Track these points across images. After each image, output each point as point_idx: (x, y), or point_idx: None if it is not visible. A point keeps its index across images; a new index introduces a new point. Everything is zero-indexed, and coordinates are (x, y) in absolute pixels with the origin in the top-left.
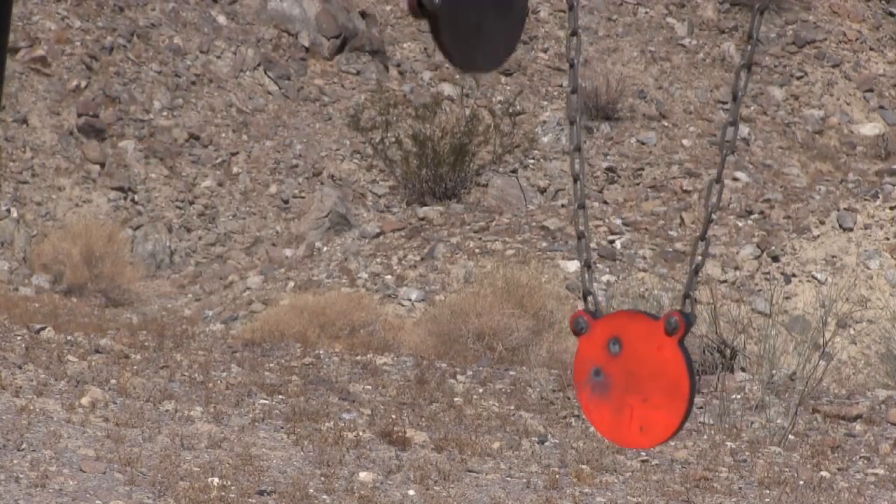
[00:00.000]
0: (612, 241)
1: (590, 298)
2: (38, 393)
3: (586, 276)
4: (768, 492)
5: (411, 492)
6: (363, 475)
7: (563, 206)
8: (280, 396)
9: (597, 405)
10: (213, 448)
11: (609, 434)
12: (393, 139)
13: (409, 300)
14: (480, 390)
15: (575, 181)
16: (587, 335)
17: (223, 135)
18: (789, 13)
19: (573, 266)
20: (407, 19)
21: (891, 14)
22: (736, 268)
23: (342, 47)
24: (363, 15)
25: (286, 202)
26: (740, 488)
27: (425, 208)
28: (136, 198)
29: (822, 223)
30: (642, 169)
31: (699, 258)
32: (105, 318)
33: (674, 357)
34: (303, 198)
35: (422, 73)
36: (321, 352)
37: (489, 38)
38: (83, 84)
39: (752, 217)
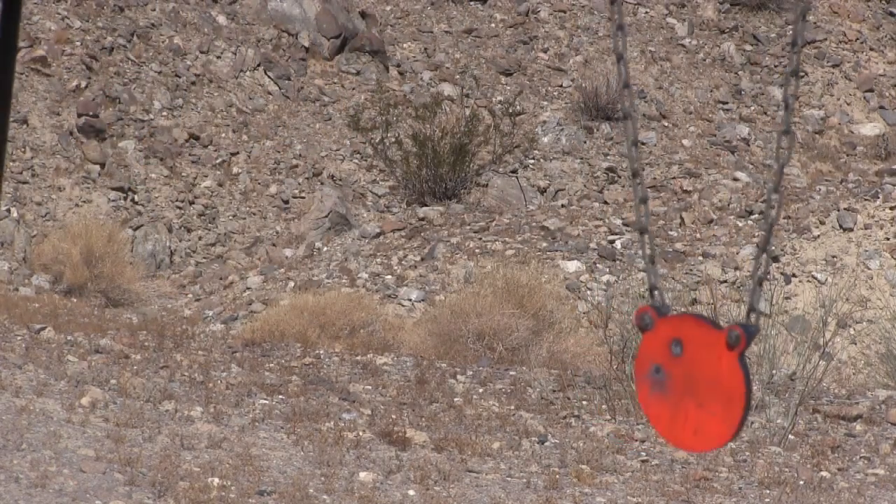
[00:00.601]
0: (612, 241)
1: (656, 294)
2: (38, 393)
3: (651, 270)
4: (768, 492)
5: (411, 492)
6: (363, 475)
7: (563, 206)
8: (280, 396)
9: (655, 402)
10: (213, 448)
11: (665, 432)
12: (393, 139)
13: (409, 300)
14: (480, 390)
15: (634, 176)
16: (651, 332)
17: (223, 135)
18: (789, 13)
19: (573, 266)
20: (407, 19)
21: (891, 14)
22: (736, 268)
23: (342, 47)
24: (363, 15)
25: (286, 202)
26: (740, 488)
27: (425, 208)
28: (136, 198)
29: (823, 223)
30: (642, 169)
31: (762, 270)
32: (105, 318)
33: (732, 370)
34: (303, 198)
35: (422, 73)
36: (321, 352)
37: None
38: (83, 84)
39: (753, 217)
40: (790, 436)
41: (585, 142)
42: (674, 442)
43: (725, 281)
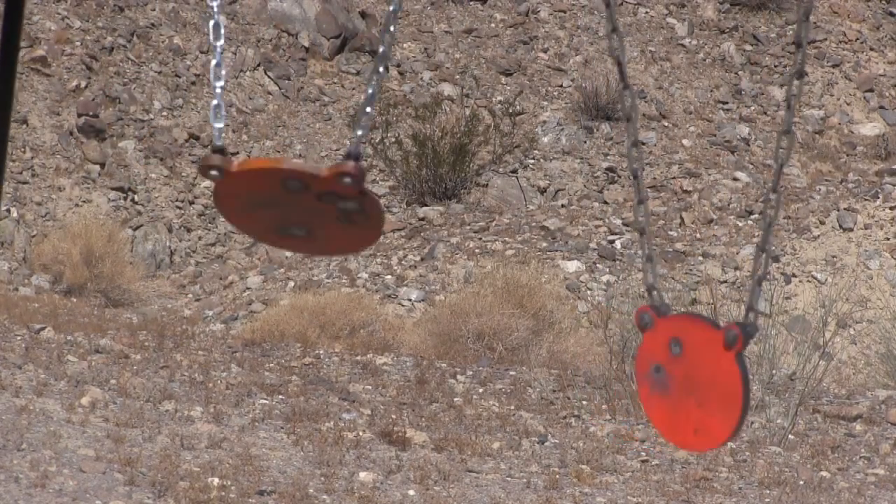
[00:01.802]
0: (612, 241)
1: (654, 294)
2: (38, 393)
3: (649, 269)
4: (768, 492)
5: (411, 492)
6: (363, 475)
7: (563, 206)
8: (280, 396)
9: (656, 402)
10: (213, 448)
11: (666, 432)
12: (393, 139)
13: (409, 300)
14: (480, 390)
15: (634, 177)
16: (651, 331)
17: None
18: (789, 13)
19: (573, 266)
20: (407, 19)
21: (891, 14)
22: (736, 268)
23: (342, 47)
24: (363, 15)
25: None
26: (740, 488)
27: (425, 208)
28: (136, 198)
29: (823, 223)
30: (642, 169)
31: (761, 270)
32: (105, 318)
33: (730, 370)
34: None
35: (422, 73)
36: (321, 352)
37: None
38: (83, 84)
39: (752, 217)
40: (790, 436)
41: (585, 142)
42: (675, 442)
43: (725, 281)
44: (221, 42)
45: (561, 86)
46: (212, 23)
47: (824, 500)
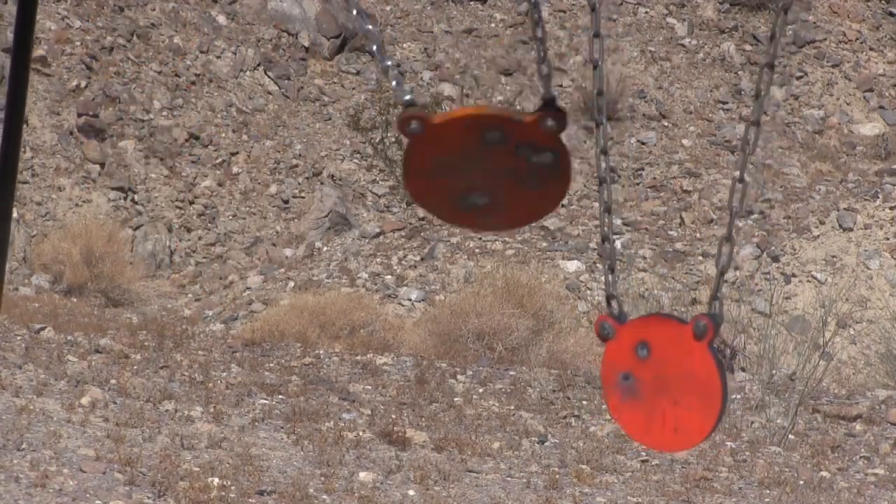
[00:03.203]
0: (613, 241)
1: (613, 303)
2: (38, 393)
3: (610, 279)
4: (768, 492)
5: (411, 492)
6: (363, 475)
7: (562, 206)
8: (280, 396)
9: (628, 409)
10: (213, 448)
11: (643, 438)
12: (393, 139)
13: (409, 300)
14: (480, 390)
15: (601, 183)
16: (614, 340)
17: (223, 135)
18: (789, 13)
19: (573, 266)
20: (407, 19)
21: (891, 14)
22: (736, 268)
23: (342, 47)
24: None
25: (286, 202)
26: (740, 488)
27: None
28: (136, 198)
29: (822, 223)
30: (642, 169)
31: (724, 259)
32: (105, 318)
33: (704, 361)
34: (303, 198)
35: (422, 73)
36: (321, 352)
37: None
38: (83, 84)
39: (752, 217)
40: (790, 436)
41: (585, 142)
42: (654, 445)
43: (725, 281)
44: None
45: (561, 86)
46: None
47: (824, 500)
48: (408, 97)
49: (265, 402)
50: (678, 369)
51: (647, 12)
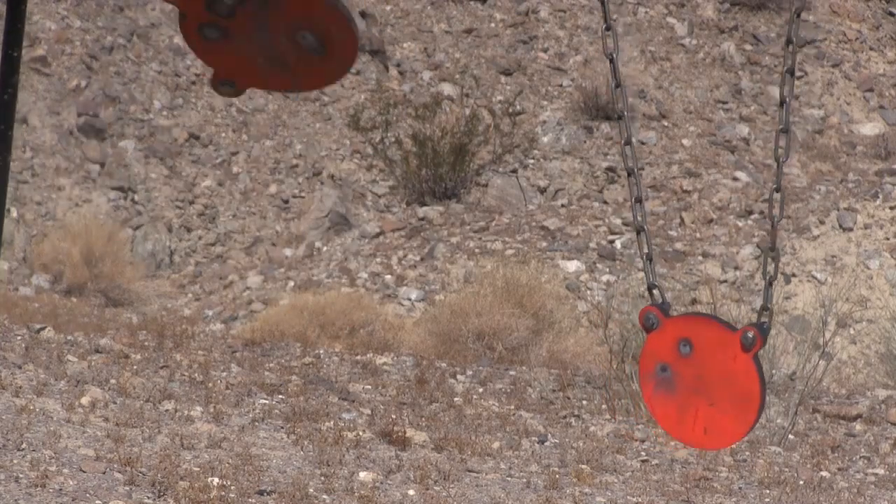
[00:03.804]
0: (611, 241)
1: (655, 292)
2: (38, 393)
3: (649, 269)
4: (768, 492)
5: (411, 492)
6: (363, 475)
7: (562, 206)
8: (280, 396)
9: (661, 401)
10: (213, 448)
11: (672, 430)
12: (393, 139)
13: (409, 300)
14: (480, 390)
15: (629, 175)
16: (657, 332)
17: (223, 135)
18: (789, 13)
19: (573, 266)
20: (407, 19)
21: (891, 14)
22: (736, 268)
23: None
24: (363, 15)
25: (286, 202)
26: (740, 488)
27: (425, 208)
28: (136, 198)
29: (822, 223)
30: (642, 169)
31: (771, 271)
32: (105, 318)
33: (747, 370)
34: (303, 198)
35: (422, 72)
36: (321, 352)
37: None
38: (83, 84)
39: (752, 217)
40: (790, 436)
41: (585, 141)
42: (683, 440)
43: (725, 281)
44: None
45: (561, 85)
46: None
47: (824, 500)
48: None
49: (265, 402)
50: (720, 373)
51: (647, 12)
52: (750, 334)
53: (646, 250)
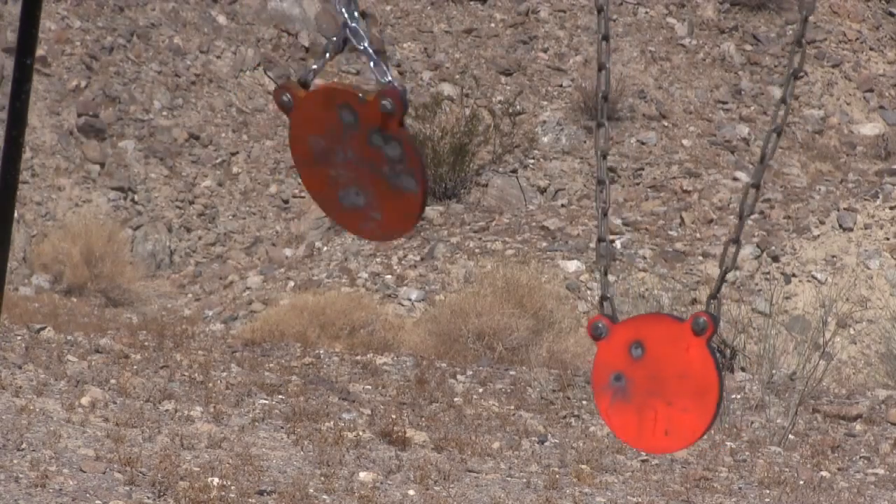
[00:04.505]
0: (612, 241)
1: (606, 304)
2: (38, 393)
3: (604, 280)
4: (768, 492)
5: (411, 492)
6: (363, 475)
7: (562, 205)
8: (280, 396)
9: (618, 411)
10: (213, 448)
11: (632, 440)
12: None
13: (409, 300)
14: (480, 390)
15: (598, 184)
16: (606, 340)
17: (223, 135)
18: (789, 13)
19: (573, 266)
20: (407, 19)
21: (891, 14)
22: (736, 268)
23: (342, 47)
24: (363, 15)
25: (286, 202)
26: (740, 488)
27: (425, 208)
28: (136, 198)
29: (822, 223)
30: (642, 169)
31: (728, 260)
32: (105, 318)
33: (702, 357)
34: (303, 198)
35: (422, 73)
36: (321, 352)
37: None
38: (83, 84)
39: (752, 217)
40: (790, 436)
41: (585, 142)
42: (645, 448)
43: (725, 281)
44: None
45: (561, 86)
46: None
47: (824, 500)
48: (306, 77)
49: (265, 402)
50: (674, 368)
51: (647, 12)
52: (701, 319)
53: (603, 264)
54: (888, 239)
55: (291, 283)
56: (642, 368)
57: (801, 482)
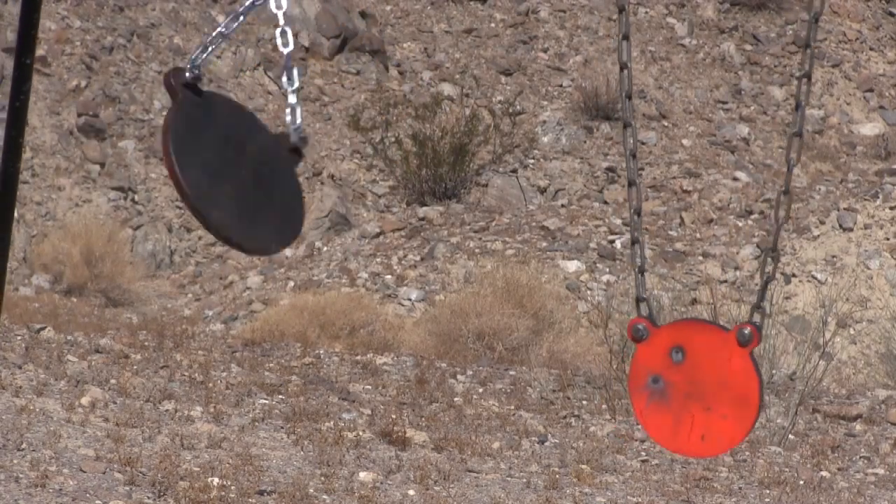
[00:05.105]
0: (611, 241)
1: (643, 305)
2: (38, 393)
3: (640, 281)
4: (768, 492)
5: (411, 492)
6: (363, 475)
7: (563, 206)
8: (280, 396)
9: (654, 412)
10: (213, 448)
11: (667, 442)
12: (393, 139)
13: (409, 300)
14: (480, 390)
15: (630, 185)
16: (646, 342)
17: None
18: (789, 13)
19: (573, 266)
20: (407, 19)
21: (891, 14)
22: (736, 268)
23: (342, 47)
24: (363, 15)
25: None
26: (740, 488)
27: (425, 208)
28: (136, 198)
29: (822, 223)
30: (642, 169)
31: (769, 270)
32: (105, 318)
33: (744, 368)
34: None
35: (422, 73)
36: (321, 352)
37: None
38: (83, 84)
39: (752, 217)
40: (790, 436)
41: (585, 142)
42: (679, 450)
43: (725, 281)
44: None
45: (561, 86)
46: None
47: (824, 500)
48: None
49: (265, 402)
50: (715, 375)
51: (647, 12)
52: (746, 330)
53: (640, 263)
54: (888, 239)
55: (291, 284)
56: (682, 373)
57: (801, 482)
